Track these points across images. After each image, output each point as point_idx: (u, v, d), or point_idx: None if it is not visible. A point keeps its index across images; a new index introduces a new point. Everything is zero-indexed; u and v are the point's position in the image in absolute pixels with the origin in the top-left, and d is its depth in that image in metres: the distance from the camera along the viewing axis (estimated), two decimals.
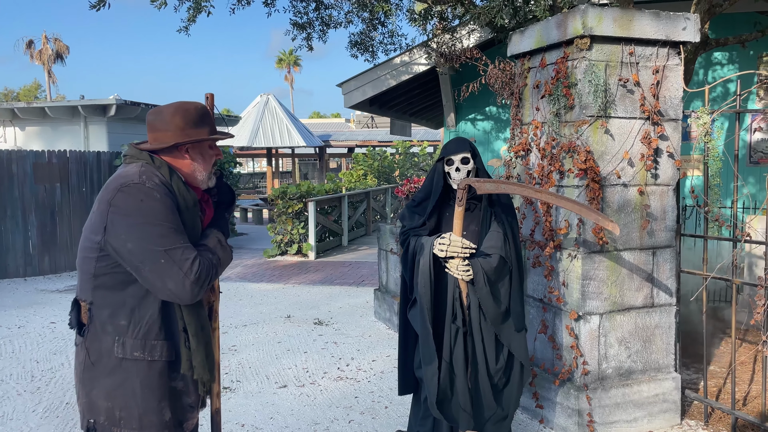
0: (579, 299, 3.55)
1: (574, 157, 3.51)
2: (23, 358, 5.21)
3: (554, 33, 3.57)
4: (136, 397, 1.90)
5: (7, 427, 3.84)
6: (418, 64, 7.93)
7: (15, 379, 4.69)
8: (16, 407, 4.16)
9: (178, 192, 1.95)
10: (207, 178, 2.12)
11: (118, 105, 10.88)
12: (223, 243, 2.09)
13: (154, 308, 1.90)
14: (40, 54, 42.83)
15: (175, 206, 1.92)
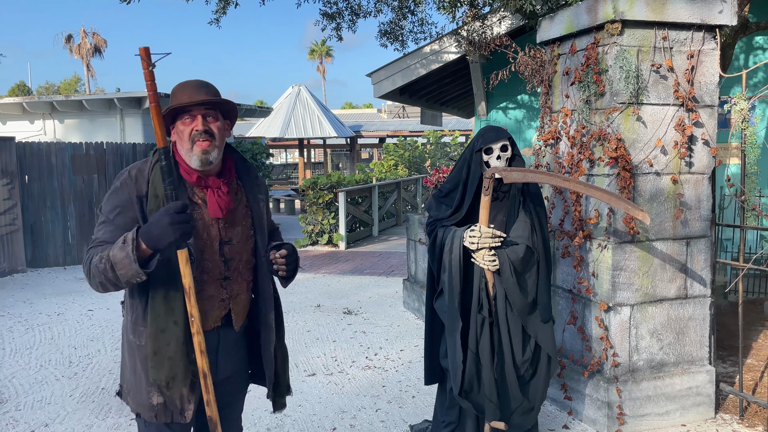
0: (609, 290, 3.49)
1: (604, 146, 3.44)
2: (62, 344, 5.37)
3: (584, 18, 3.49)
4: (131, 376, 2.06)
5: (45, 411, 3.97)
6: (448, 52, 7.85)
7: (53, 365, 4.84)
8: (54, 392, 4.29)
9: (152, 181, 1.93)
10: (188, 156, 1.96)
11: None
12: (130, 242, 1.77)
13: (144, 296, 1.97)
14: (79, 48, 43.82)
15: (142, 196, 1.93)
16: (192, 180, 2.00)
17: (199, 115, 1.96)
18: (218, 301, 2.06)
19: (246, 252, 2.11)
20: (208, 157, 1.96)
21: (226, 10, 6.20)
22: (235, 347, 2.18)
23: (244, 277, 2.12)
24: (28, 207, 9.04)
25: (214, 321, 2.07)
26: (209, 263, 2.02)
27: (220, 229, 2.04)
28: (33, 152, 9.11)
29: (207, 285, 2.03)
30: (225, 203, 2.01)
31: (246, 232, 2.11)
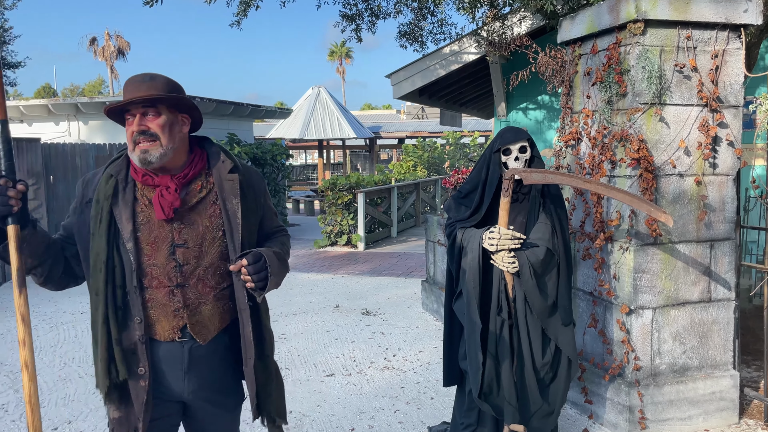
0: (631, 293, 3.45)
1: (626, 146, 3.40)
2: (85, 342, 5.45)
3: (606, 18, 3.46)
4: None
5: (68, 408, 4.03)
6: (468, 53, 7.83)
7: (77, 363, 4.91)
8: (77, 389, 4.36)
9: (98, 184, 1.88)
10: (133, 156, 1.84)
11: None
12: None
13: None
14: (103, 51, 44.51)
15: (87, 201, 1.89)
16: (138, 179, 1.88)
17: (138, 114, 1.84)
18: (171, 310, 1.87)
19: (209, 256, 1.90)
20: (147, 157, 1.82)
21: (247, 12, 6.25)
22: (211, 363, 1.96)
23: (209, 285, 1.91)
24: (53, 207, 9.19)
25: (171, 332, 1.89)
26: (156, 268, 1.85)
27: (173, 231, 1.87)
28: (58, 153, 9.27)
29: (155, 291, 1.86)
30: (168, 203, 1.84)
31: (211, 233, 1.90)
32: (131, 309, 1.85)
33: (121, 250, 1.84)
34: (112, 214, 1.85)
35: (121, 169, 1.90)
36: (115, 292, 1.84)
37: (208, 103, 12.00)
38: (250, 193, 1.99)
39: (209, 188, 1.93)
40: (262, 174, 12.07)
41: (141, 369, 1.86)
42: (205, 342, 1.92)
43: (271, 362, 2.04)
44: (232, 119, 13.64)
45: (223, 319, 1.96)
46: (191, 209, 1.90)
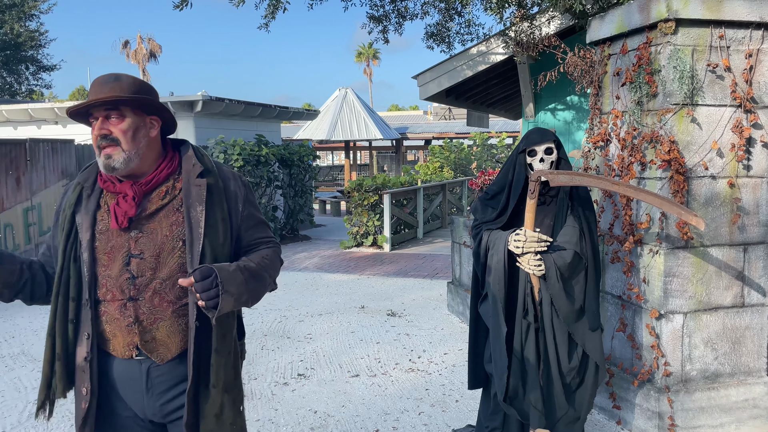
0: (661, 297, 3.39)
1: (656, 148, 3.34)
2: None
3: (636, 17, 3.40)
4: None
5: None
6: (495, 53, 7.78)
7: None
8: None
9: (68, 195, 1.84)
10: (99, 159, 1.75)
11: (204, 101, 11.34)
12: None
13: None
14: (136, 53, 45.32)
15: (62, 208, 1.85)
16: (101, 185, 1.80)
17: (101, 117, 1.73)
18: (124, 325, 1.74)
19: (167, 268, 1.74)
20: (110, 162, 1.71)
21: (275, 14, 6.31)
22: (172, 386, 1.79)
23: (168, 299, 1.74)
24: None
25: (126, 349, 1.75)
26: (110, 280, 1.74)
27: (129, 240, 1.74)
28: (91, 154, 9.47)
29: (109, 304, 1.74)
30: (123, 211, 1.72)
31: (171, 243, 1.75)
32: (82, 324, 1.75)
33: (79, 261, 1.75)
34: (74, 222, 1.77)
35: (89, 176, 1.83)
36: (67, 305, 1.74)
37: (237, 105, 12.13)
38: (221, 200, 1.81)
39: (174, 194, 1.79)
40: (289, 174, 12.15)
41: (84, 389, 1.75)
42: (163, 362, 1.76)
43: (214, 396, 1.76)
44: (260, 121, 13.77)
45: (185, 338, 1.77)
46: (150, 217, 1.76)
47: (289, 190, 12.37)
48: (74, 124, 12.44)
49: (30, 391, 4.35)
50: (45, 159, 8.56)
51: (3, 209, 7.92)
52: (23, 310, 6.60)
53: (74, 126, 12.47)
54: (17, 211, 8.11)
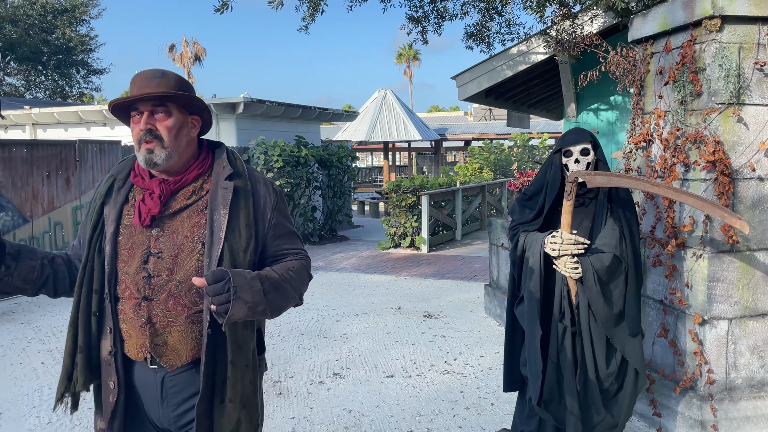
0: (704, 302, 3.29)
1: (701, 149, 3.24)
2: None
3: (680, 14, 3.31)
4: None
5: None
6: (536, 53, 7.68)
7: None
8: None
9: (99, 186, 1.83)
10: (137, 155, 1.73)
11: (245, 102, 11.53)
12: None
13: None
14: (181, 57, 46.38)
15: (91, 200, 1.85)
16: (132, 179, 1.79)
17: (146, 112, 1.70)
18: (137, 325, 1.69)
19: (184, 270, 1.69)
20: (152, 157, 1.69)
21: (315, 16, 6.37)
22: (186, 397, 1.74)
23: (183, 303, 1.69)
24: None
25: (139, 351, 1.71)
26: (128, 277, 1.70)
27: (150, 238, 1.71)
28: None
29: (125, 302, 1.71)
30: (147, 209, 1.69)
31: (190, 245, 1.70)
32: (106, 317, 1.73)
33: (102, 253, 1.73)
34: (102, 213, 1.76)
35: (123, 169, 1.82)
36: (90, 297, 1.72)
37: (277, 107, 12.29)
38: (248, 205, 1.75)
39: (200, 196, 1.75)
40: (328, 175, 12.25)
41: (111, 383, 1.72)
42: (172, 368, 1.71)
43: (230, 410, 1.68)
44: (300, 122, 13.93)
45: (199, 347, 1.70)
46: (173, 216, 1.72)
47: (328, 191, 12.46)
48: (122, 125, 12.82)
49: None
50: (93, 159, 8.85)
51: (53, 208, 8.22)
52: (70, 306, 6.82)
53: (121, 128, 12.84)
54: (67, 209, 8.41)
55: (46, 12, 26.71)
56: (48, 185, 8.13)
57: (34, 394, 4.31)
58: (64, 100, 28.06)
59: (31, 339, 5.65)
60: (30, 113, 13.08)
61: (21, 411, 4.03)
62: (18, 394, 4.33)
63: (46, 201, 8.10)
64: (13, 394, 4.32)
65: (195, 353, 1.71)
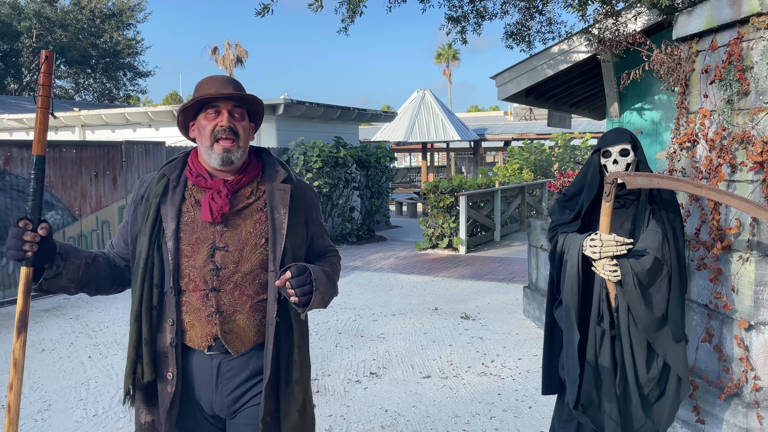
0: (751, 307, 3.19)
1: (748, 149, 3.15)
2: None
3: (727, 12, 3.22)
4: None
5: None
6: (578, 51, 7.55)
7: None
8: None
9: (150, 184, 1.89)
10: (207, 154, 1.82)
11: (285, 104, 11.68)
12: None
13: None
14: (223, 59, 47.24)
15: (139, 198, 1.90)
16: (192, 179, 1.87)
17: (225, 111, 1.81)
18: (204, 315, 1.80)
19: (249, 263, 1.82)
20: (230, 156, 1.81)
21: (354, 18, 6.41)
22: (242, 381, 1.85)
23: (247, 293, 1.82)
24: None
25: (204, 339, 1.81)
26: (194, 270, 1.81)
27: (215, 233, 1.82)
28: None
29: (190, 294, 1.81)
30: (218, 207, 1.80)
31: (254, 240, 1.83)
32: (166, 310, 1.81)
33: (162, 249, 1.81)
34: (159, 212, 1.83)
35: (175, 169, 1.90)
36: (152, 291, 1.80)
37: (317, 108, 12.41)
38: (300, 207, 1.92)
39: (258, 196, 1.88)
40: (366, 176, 12.31)
41: (169, 374, 1.80)
42: (237, 354, 1.82)
43: (297, 392, 1.85)
44: (339, 123, 14.03)
45: (260, 334, 1.84)
46: (236, 214, 1.84)
47: (366, 191, 12.52)
48: (166, 126, 13.15)
49: (121, 377, 4.64)
50: (139, 160, 9.10)
51: (101, 207, 8.49)
52: (117, 302, 7.05)
53: (166, 129, 13.17)
54: (113, 208, 8.67)
55: (95, 16, 27.57)
56: (96, 185, 8.40)
57: (81, 387, 4.47)
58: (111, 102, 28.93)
59: (78, 334, 5.85)
60: (79, 115, 13.53)
61: (69, 403, 4.19)
62: (66, 386, 4.49)
63: (94, 200, 8.38)
64: (61, 386, 4.48)
65: (256, 339, 1.84)
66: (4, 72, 26.61)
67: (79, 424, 3.86)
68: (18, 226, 1.62)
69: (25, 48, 26.07)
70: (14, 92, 27.35)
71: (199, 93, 1.83)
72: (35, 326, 6.15)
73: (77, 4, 27.09)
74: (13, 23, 25.24)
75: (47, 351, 5.33)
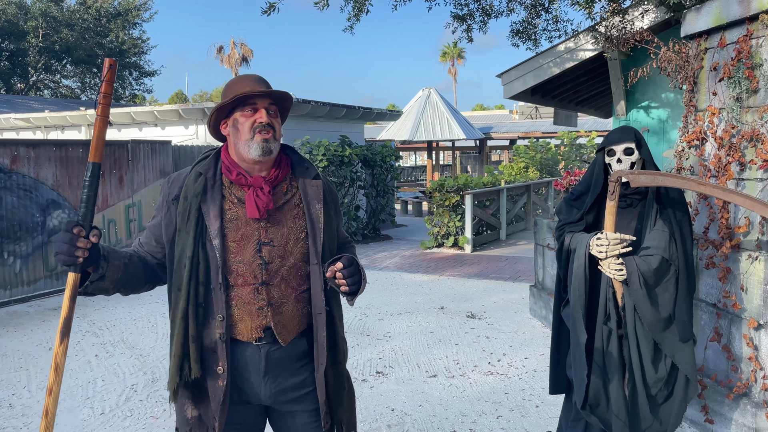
0: (760, 306, 3.16)
1: (757, 147, 3.12)
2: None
3: (735, 9, 3.19)
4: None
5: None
6: (584, 49, 7.53)
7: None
8: None
9: (186, 184, 1.90)
10: (246, 147, 1.87)
11: None
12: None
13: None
14: (229, 58, 47.31)
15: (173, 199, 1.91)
16: (231, 177, 1.91)
17: (263, 108, 1.88)
18: (255, 308, 1.88)
19: (293, 256, 1.92)
20: (269, 146, 1.87)
21: (360, 16, 6.40)
22: (287, 368, 1.95)
23: (291, 285, 1.92)
24: None
25: (254, 332, 1.89)
26: (242, 265, 1.87)
27: (259, 229, 1.89)
28: (186, 154, 9.99)
29: (240, 289, 1.87)
30: (264, 203, 1.87)
31: (295, 234, 1.93)
32: (213, 306, 1.85)
33: (206, 247, 1.85)
34: (201, 210, 1.86)
35: (209, 167, 1.93)
36: (198, 289, 1.84)
37: (322, 107, 12.41)
38: (330, 201, 2.02)
39: (293, 192, 1.97)
40: (372, 174, 12.31)
41: (220, 368, 1.85)
42: (286, 343, 1.92)
43: (343, 370, 2.01)
44: (344, 122, 14.02)
45: (301, 323, 1.95)
46: (277, 209, 1.92)
47: (371, 190, 12.51)
48: (172, 126, 13.18)
49: (127, 376, 4.65)
50: (145, 159, 9.12)
51: (107, 206, 8.51)
52: (123, 301, 7.07)
53: (172, 128, 13.20)
54: (119, 207, 8.69)
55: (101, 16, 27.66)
56: (102, 184, 8.42)
57: (88, 386, 4.48)
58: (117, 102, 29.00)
59: (85, 332, 5.87)
60: (85, 114, 13.57)
61: (75, 402, 4.20)
62: (73, 385, 4.50)
63: (101, 199, 8.40)
64: (68, 385, 4.50)
65: (298, 328, 1.95)
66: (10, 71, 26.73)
67: (85, 423, 3.87)
68: (72, 233, 1.64)
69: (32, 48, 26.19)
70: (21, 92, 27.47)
71: (233, 92, 1.88)
72: (42, 325, 6.18)
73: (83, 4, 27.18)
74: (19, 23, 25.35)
75: (54, 350, 5.34)
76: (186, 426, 1.90)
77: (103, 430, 3.77)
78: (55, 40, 26.30)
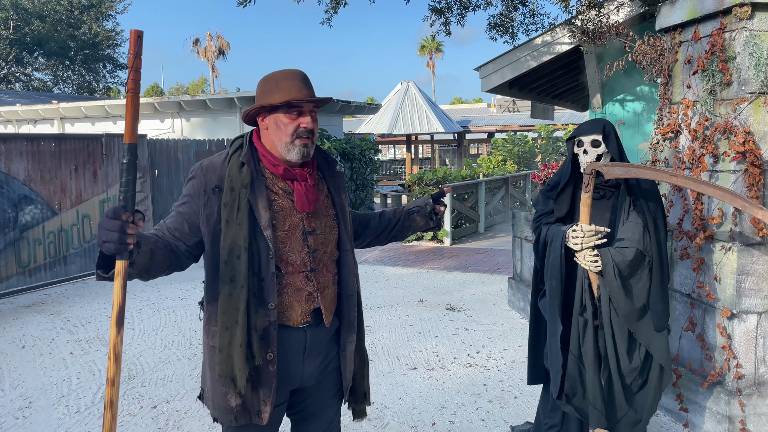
0: (733, 296, 3.22)
1: (730, 139, 3.17)
2: (184, 327, 5.77)
3: (709, 2, 3.23)
4: (209, 380, 1.99)
5: (167, 388, 4.29)
6: (561, 43, 7.57)
7: (176, 346, 5.22)
8: (175, 371, 4.63)
9: (228, 173, 1.91)
10: (286, 149, 1.93)
11: None
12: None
13: (211, 293, 1.95)
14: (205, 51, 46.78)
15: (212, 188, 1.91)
16: (278, 172, 1.96)
17: (308, 113, 1.95)
18: (305, 294, 1.97)
19: (330, 243, 2.04)
20: (308, 151, 1.96)
21: (337, 9, 6.36)
22: (325, 348, 2.07)
23: (330, 270, 2.04)
24: (158, 199, 9.79)
25: (303, 317, 1.98)
26: (292, 254, 1.95)
27: (303, 219, 1.98)
28: (162, 149, 9.86)
29: (291, 277, 1.95)
30: (313, 197, 1.97)
31: (329, 222, 2.05)
32: (265, 295, 1.90)
33: (257, 237, 1.90)
34: (249, 202, 1.89)
35: (250, 159, 1.96)
36: (252, 279, 1.88)
37: None
38: (346, 190, 2.18)
39: (323, 183, 2.09)
40: (351, 168, 12.28)
41: (270, 354, 1.90)
42: (329, 325, 2.04)
43: (364, 346, 2.17)
44: (323, 115, 13.96)
45: (334, 304, 2.07)
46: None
47: (350, 183, 12.49)
48: (146, 119, 12.99)
49: (103, 373, 4.59)
50: (119, 153, 8.97)
51: (81, 201, 8.37)
52: (99, 297, 6.97)
53: (146, 122, 13.02)
54: (94, 202, 8.55)
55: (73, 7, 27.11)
56: (76, 178, 8.27)
57: (63, 384, 4.41)
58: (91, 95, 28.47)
59: (60, 330, 5.78)
60: (58, 107, 13.32)
61: (50, 400, 4.13)
62: (47, 383, 4.43)
63: (74, 194, 8.25)
64: (42, 383, 4.42)
65: (333, 309, 2.06)
66: None
67: (61, 422, 3.81)
68: (122, 219, 1.59)
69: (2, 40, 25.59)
70: None
71: (279, 91, 1.91)
72: (15, 322, 6.06)
73: None
74: None
75: (28, 347, 5.25)
76: (230, 414, 1.93)
77: (78, 428, 3.72)
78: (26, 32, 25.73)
